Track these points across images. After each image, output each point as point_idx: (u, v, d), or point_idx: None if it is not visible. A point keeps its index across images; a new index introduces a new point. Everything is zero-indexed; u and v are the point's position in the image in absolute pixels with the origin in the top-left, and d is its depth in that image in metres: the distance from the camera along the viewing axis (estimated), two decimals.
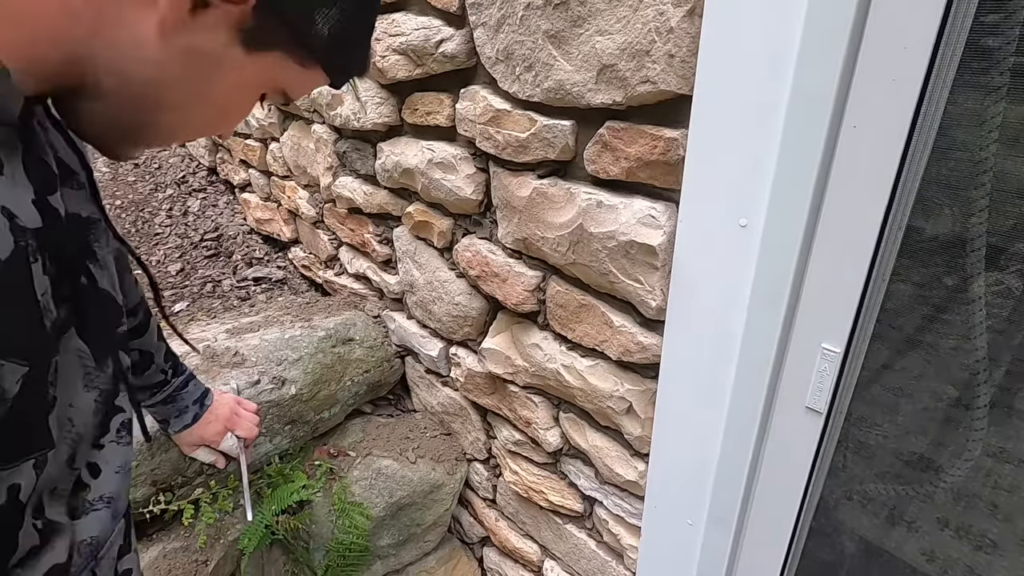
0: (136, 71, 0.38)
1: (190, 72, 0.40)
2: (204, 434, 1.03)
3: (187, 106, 0.44)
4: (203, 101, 0.44)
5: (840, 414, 0.80)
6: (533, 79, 0.89)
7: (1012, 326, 0.67)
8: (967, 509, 0.77)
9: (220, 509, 1.27)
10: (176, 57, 0.38)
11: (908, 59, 0.59)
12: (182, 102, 0.43)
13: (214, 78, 0.42)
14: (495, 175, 1.06)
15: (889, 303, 0.72)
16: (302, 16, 0.41)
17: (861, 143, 0.65)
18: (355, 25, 0.45)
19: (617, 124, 0.83)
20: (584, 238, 0.92)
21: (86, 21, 0.34)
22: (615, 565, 1.22)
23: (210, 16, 0.37)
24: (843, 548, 0.93)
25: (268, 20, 0.39)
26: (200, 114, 0.46)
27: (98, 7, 0.34)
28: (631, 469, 1.06)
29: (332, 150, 1.55)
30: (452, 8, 0.99)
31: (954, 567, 0.80)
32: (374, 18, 0.50)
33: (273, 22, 0.40)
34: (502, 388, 1.30)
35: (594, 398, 1.04)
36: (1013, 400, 0.69)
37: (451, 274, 1.31)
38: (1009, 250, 0.64)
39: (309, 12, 0.41)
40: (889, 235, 0.67)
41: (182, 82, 0.41)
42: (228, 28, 0.39)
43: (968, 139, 0.62)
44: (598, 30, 0.77)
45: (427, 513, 1.53)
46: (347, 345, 1.51)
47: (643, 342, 0.92)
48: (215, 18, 0.37)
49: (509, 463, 1.39)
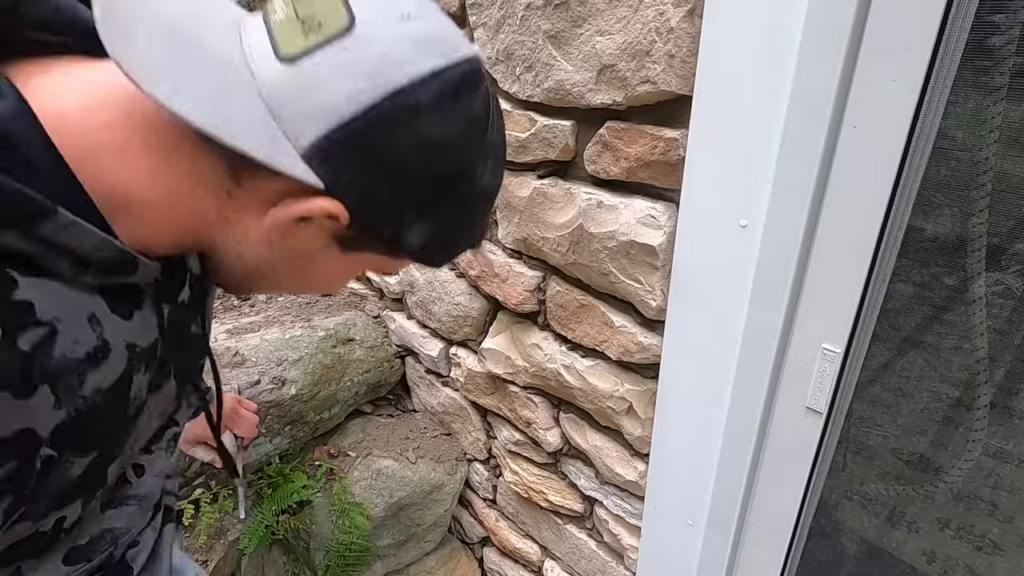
0: (248, 256, 0.46)
1: (290, 263, 0.48)
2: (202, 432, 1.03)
3: (290, 283, 0.53)
4: (303, 281, 0.53)
5: (840, 414, 0.80)
6: (533, 79, 0.89)
7: (1012, 326, 0.67)
8: (967, 509, 0.77)
9: (220, 509, 1.27)
10: (280, 253, 0.46)
11: (908, 59, 0.59)
12: (286, 280, 0.52)
13: (311, 268, 0.49)
14: None
15: (889, 303, 0.72)
16: (395, 230, 0.45)
17: (861, 143, 0.65)
18: (453, 233, 0.50)
19: (617, 124, 0.83)
20: (584, 238, 0.92)
21: (214, 223, 0.43)
22: (615, 565, 1.22)
23: (311, 226, 0.43)
24: (843, 548, 0.93)
25: (363, 232, 0.45)
26: (302, 287, 0.55)
27: (224, 215, 0.43)
28: (631, 469, 1.06)
29: None
30: (452, 8, 0.99)
31: (954, 567, 0.80)
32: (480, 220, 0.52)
33: (367, 234, 0.45)
34: (502, 388, 1.30)
35: (594, 398, 1.04)
36: (1013, 400, 0.69)
37: (451, 274, 1.31)
38: (1009, 250, 0.64)
39: (401, 227, 0.45)
40: (889, 235, 0.67)
41: (285, 268, 0.49)
42: (326, 236, 0.45)
43: (968, 139, 0.62)
44: (598, 30, 0.78)
45: (427, 513, 1.53)
46: (347, 345, 1.51)
47: (643, 342, 0.92)
48: (315, 228, 0.43)
49: (509, 463, 1.39)
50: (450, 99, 0.41)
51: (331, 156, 0.40)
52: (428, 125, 0.41)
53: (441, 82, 0.40)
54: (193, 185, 0.41)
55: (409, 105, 0.39)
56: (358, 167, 0.41)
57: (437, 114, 0.41)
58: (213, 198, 0.42)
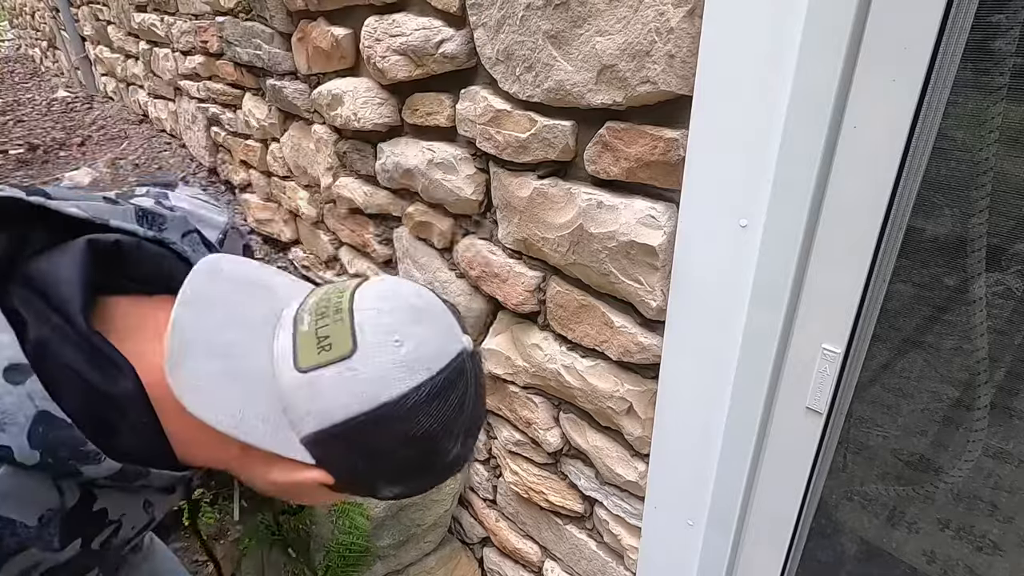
0: (260, 486, 0.57)
1: (292, 494, 0.58)
2: None
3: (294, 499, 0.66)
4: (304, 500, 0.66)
5: (840, 415, 0.80)
6: (533, 79, 0.89)
7: (1012, 326, 0.67)
8: (967, 510, 0.77)
9: (220, 509, 1.27)
10: (284, 489, 0.56)
11: (908, 59, 0.59)
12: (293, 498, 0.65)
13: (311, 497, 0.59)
14: (495, 175, 1.06)
15: (889, 304, 0.72)
16: (372, 490, 0.57)
17: (861, 143, 0.65)
18: (425, 487, 0.60)
19: (617, 124, 0.83)
20: (584, 238, 0.92)
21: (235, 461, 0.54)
22: (615, 566, 1.22)
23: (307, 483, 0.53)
24: (843, 549, 0.93)
25: (342, 489, 0.56)
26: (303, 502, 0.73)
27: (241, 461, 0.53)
28: (631, 470, 1.06)
29: (332, 150, 1.56)
30: (452, 9, 0.99)
31: (954, 568, 0.80)
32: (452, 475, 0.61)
33: (347, 490, 0.56)
34: (502, 388, 1.30)
35: (594, 398, 1.04)
36: (1013, 401, 0.69)
37: (451, 274, 1.31)
38: (1009, 250, 0.64)
39: (376, 489, 0.56)
40: (889, 235, 0.67)
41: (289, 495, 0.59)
42: (319, 486, 0.54)
43: (968, 139, 0.62)
44: (598, 30, 0.78)
45: (427, 514, 1.53)
46: None
47: (643, 342, 0.92)
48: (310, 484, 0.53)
49: (509, 463, 1.39)
50: (428, 402, 0.50)
51: (321, 444, 0.50)
52: (406, 427, 0.50)
53: (420, 392, 0.49)
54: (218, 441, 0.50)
55: (390, 416, 0.48)
56: (343, 453, 0.51)
57: (415, 417, 0.49)
58: (233, 450, 0.51)
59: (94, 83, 4.19)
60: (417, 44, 1.07)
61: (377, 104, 1.28)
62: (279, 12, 1.54)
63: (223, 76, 2.05)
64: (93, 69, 4.13)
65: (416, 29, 1.07)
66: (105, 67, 3.73)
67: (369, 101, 1.28)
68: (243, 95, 2.00)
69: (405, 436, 0.50)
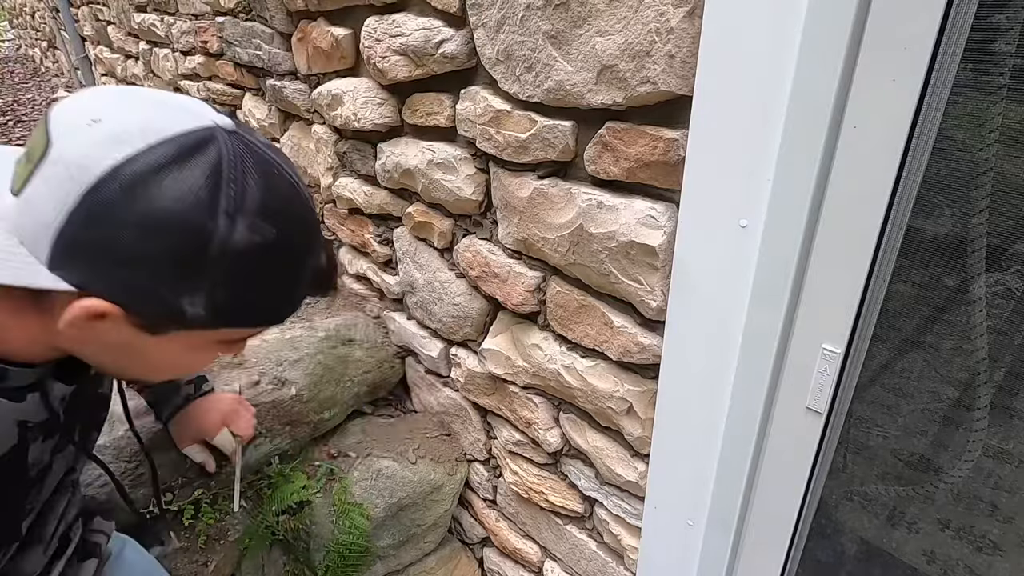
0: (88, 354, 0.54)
1: (121, 353, 0.53)
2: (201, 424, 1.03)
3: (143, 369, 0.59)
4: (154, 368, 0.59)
5: (840, 415, 0.80)
6: (533, 80, 0.89)
7: (1012, 327, 0.67)
8: (967, 510, 0.77)
9: (220, 509, 1.26)
10: (103, 347, 0.52)
11: (908, 59, 0.59)
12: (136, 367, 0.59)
13: (146, 356, 0.54)
14: (495, 175, 1.06)
15: (889, 304, 0.72)
16: (169, 308, 0.47)
17: (861, 143, 0.65)
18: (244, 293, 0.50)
19: (617, 124, 0.83)
20: (584, 238, 0.92)
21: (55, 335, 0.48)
22: (615, 566, 1.22)
23: (106, 322, 0.47)
24: (843, 549, 0.93)
25: (145, 318, 0.48)
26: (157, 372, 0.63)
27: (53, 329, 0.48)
28: (631, 470, 1.06)
29: (332, 150, 1.56)
30: (452, 9, 0.99)
31: (954, 568, 0.80)
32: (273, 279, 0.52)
33: (150, 318, 0.48)
34: (502, 389, 1.30)
35: (594, 399, 1.04)
36: (1013, 401, 0.69)
37: (451, 275, 1.31)
38: (1009, 250, 0.64)
39: (174, 305, 0.47)
40: (889, 235, 0.67)
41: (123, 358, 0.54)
42: (126, 326, 0.48)
43: (968, 139, 0.62)
44: (598, 31, 0.78)
45: (427, 514, 1.53)
46: (348, 346, 1.51)
47: (643, 342, 0.92)
48: (111, 322, 0.47)
49: (509, 464, 1.39)
50: (155, 175, 0.43)
51: (66, 263, 0.44)
52: (138, 207, 0.43)
53: (137, 164, 0.43)
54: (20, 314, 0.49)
55: (110, 200, 0.42)
56: (91, 262, 0.44)
57: (145, 194, 0.43)
58: (37, 318, 0.49)
59: (94, 83, 4.19)
60: (417, 44, 1.07)
61: (377, 104, 1.28)
62: (279, 12, 1.54)
63: (223, 76, 2.05)
64: (93, 69, 4.13)
65: (416, 29, 1.07)
66: (105, 67, 3.74)
67: (369, 101, 1.28)
68: (243, 95, 2.00)
69: (145, 219, 0.43)
